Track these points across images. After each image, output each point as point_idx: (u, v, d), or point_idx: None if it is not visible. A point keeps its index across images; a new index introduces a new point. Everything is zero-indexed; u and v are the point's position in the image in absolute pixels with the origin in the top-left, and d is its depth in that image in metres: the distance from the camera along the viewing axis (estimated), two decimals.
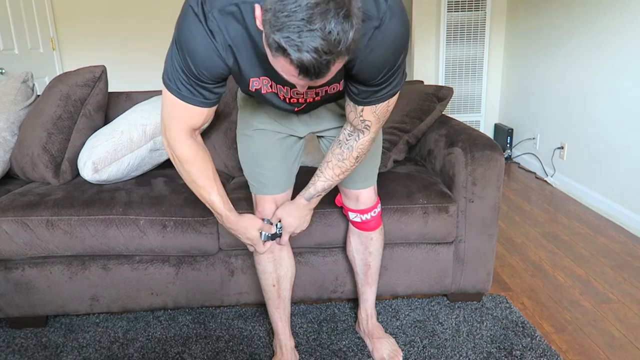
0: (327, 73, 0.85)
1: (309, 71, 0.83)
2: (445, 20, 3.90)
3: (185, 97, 1.09)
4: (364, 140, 1.24)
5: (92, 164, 1.79)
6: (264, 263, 1.47)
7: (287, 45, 0.80)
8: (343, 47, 0.81)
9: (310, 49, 0.79)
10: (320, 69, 0.83)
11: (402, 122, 2.05)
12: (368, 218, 1.50)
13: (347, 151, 1.26)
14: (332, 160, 1.29)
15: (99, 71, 2.00)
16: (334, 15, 0.78)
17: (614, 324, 1.79)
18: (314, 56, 0.80)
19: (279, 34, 0.80)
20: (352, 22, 0.80)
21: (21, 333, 1.79)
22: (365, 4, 0.94)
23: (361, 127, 1.21)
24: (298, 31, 0.78)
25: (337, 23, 0.78)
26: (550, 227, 2.65)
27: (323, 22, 0.78)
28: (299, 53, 0.80)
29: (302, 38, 0.78)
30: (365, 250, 1.56)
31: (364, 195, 1.47)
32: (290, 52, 0.80)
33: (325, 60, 0.81)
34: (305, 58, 0.80)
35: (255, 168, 1.39)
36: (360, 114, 1.17)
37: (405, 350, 1.65)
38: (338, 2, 0.78)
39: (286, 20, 0.78)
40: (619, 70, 2.71)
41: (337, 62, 0.83)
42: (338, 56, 0.82)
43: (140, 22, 3.91)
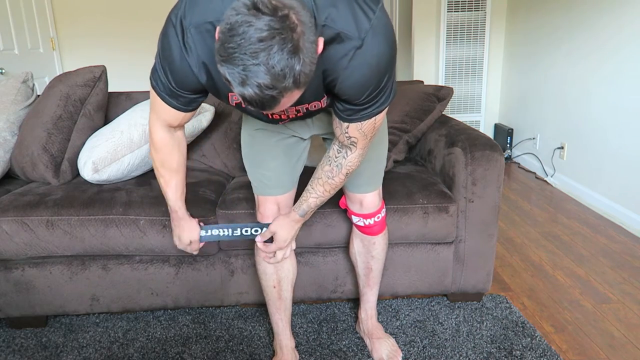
0: (276, 105, 0.84)
1: (252, 104, 0.83)
2: (445, 20, 3.90)
3: (163, 97, 1.11)
4: (352, 157, 1.22)
5: (92, 164, 1.79)
6: (265, 264, 1.47)
7: (231, 78, 0.80)
8: (288, 83, 0.80)
9: (253, 84, 0.79)
10: (264, 103, 0.82)
11: (402, 122, 2.05)
12: (371, 223, 1.49)
13: (336, 169, 1.24)
14: (322, 177, 1.27)
15: (99, 71, 2.00)
16: (278, 50, 0.77)
17: (614, 324, 1.79)
18: (256, 91, 0.80)
19: (225, 66, 0.80)
20: (299, 57, 0.80)
21: (21, 333, 1.79)
22: (344, 24, 0.94)
23: (347, 144, 1.19)
24: (242, 65, 0.78)
25: (282, 59, 0.78)
26: (550, 227, 2.65)
27: (267, 57, 0.77)
28: (241, 87, 0.80)
29: (245, 72, 0.79)
30: (368, 253, 1.56)
31: (368, 199, 1.45)
32: (234, 85, 0.81)
33: (269, 95, 0.81)
34: (247, 92, 0.80)
35: (258, 168, 1.39)
36: (345, 130, 1.15)
37: (405, 350, 1.65)
38: (284, 38, 0.78)
39: (232, 52, 0.78)
40: (619, 70, 2.71)
41: (285, 95, 0.83)
42: (284, 90, 0.81)
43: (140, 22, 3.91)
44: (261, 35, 0.77)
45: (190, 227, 1.37)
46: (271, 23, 0.77)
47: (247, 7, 0.78)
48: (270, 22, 0.77)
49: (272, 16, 0.77)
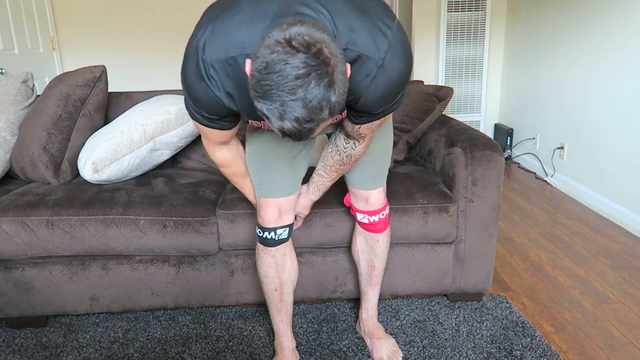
0: (311, 135, 0.88)
1: (291, 136, 0.86)
2: (445, 20, 3.90)
3: (204, 123, 1.14)
4: (360, 148, 1.30)
5: (92, 164, 1.79)
6: (266, 268, 1.46)
7: (270, 113, 0.83)
8: (325, 114, 0.84)
9: (292, 118, 0.82)
10: (302, 135, 0.86)
11: (402, 122, 2.05)
12: (376, 220, 1.49)
13: (346, 158, 1.33)
14: (334, 165, 1.36)
15: (99, 71, 2.00)
16: (315, 85, 0.80)
17: (614, 324, 1.79)
18: (295, 125, 0.83)
19: (262, 102, 0.82)
20: (334, 89, 0.83)
21: (21, 333, 1.79)
22: (365, 46, 0.97)
23: (356, 137, 1.26)
24: (280, 101, 0.81)
25: (319, 93, 0.81)
26: (550, 227, 2.65)
27: (304, 93, 0.80)
28: (280, 122, 0.83)
29: (284, 107, 0.81)
30: (371, 251, 1.56)
31: (374, 196, 1.47)
32: (272, 121, 0.83)
33: (307, 128, 0.84)
34: (287, 127, 0.83)
35: (263, 170, 1.38)
36: (357, 129, 1.22)
37: (405, 350, 1.65)
38: (320, 73, 0.80)
39: (269, 89, 0.81)
40: (619, 70, 2.71)
41: (320, 125, 0.86)
42: (320, 122, 0.85)
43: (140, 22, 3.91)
44: (298, 73, 0.79)
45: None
46: (307, 60, 0.79)
47: (282, 45, 0.80)
48: (306, 60, 0.79)
49: (307, 53, 0.80)
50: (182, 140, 1.95)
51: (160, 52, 3.97)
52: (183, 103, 1.92)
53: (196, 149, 2.17)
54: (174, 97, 2.02)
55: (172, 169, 2.12)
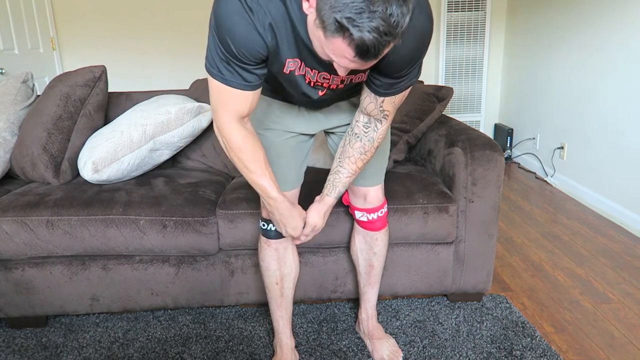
0: (381, 54, 0.88)
1: (369, 51, 0.86)
2: (445, 20, 3.90)
3: (227, 80, 1.07)
4: (382, 129, 1.27)
5: (92, 164, 1.79)
6: (268, 260, 1.48)
7: (350, 24, 0.82)
8: (400, 30, 0.85)
9: (372, 28, 0.82)
10: (379, 49, 0.86)
11: (402, 122, 2.05)
12: (374, 218, 1.50)
13: (368, 143, 1.28)
14: (353, 154, 1.30)
15: (99, 71, 2.00)
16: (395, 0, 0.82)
17: (614, 324, 1.79)
18: (375, 36, 0.83)
19: (340, 14, 0.82)
20: (409, 7, 0.84)
21: (21, 333, 1.79)
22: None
23: (380, 117, 1.24)
24: (360, 12, 0.81)
25: (397, 6, 0.82)
26: (550, 227, 2.65)
27: (385, 5, 0.81)
28: (360, 33, 0.83)
29: (363, 19, 0.82)
30: (370, 250, 1.56)
31: (372, 194, 1.47)
32: (353, 32, 0.83)
33: (385, 41, 0.85)
34: (367, 37, 0.83)
35: None
36: (380, 104, 1.20)
37: (405, 351, 1.65)
38: None
39: (348, 1, 0.81)
40: (619, 70, 2.71)
41: (391, 44, 0.87)
42: (395, 38, 0.86)
43: (140, 22, 3.91)
44: None
45: (300, 212, 1.35)
46: None
47: None
48: None
49: None
50: (182, 140, 1.95)
51: (160, 52, 3.97)
52: (183, 103, 1.93)
53: (196, 149, 2.17)
54: (174, 97, 2.02)
55: (172, 169, 2.12)
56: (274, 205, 1.28)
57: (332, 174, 1.36)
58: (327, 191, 1.37)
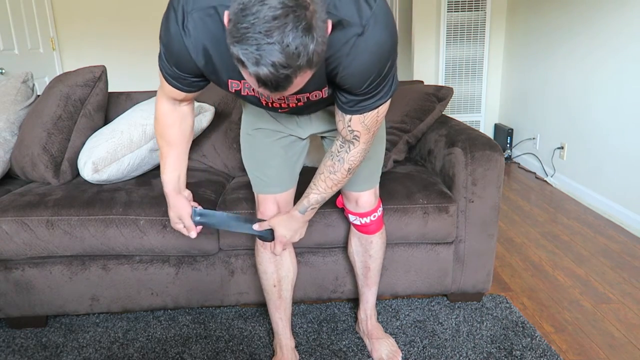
0: (289, 86, 0.83)
1: (267, 84, 0.82)
2: (445, 20, 3.90)
3: (166, 77, 1.13)
4: (354, 152, 1.21)
5: (92, 164, 1.79)
6: (265, 264, 1.47)
7: (245, 58, 0.79)
8: (303, 62, 0.80)
9: (268, 63, 0.78)
10: (279, 83, 0.81)
11: (402, 122, 2.05)
12: (367, 222, 1.49)
13: (338, 164, 1.23)
14: (324, 172, 1.26)
15: (99, 71, 2.00)
16: (293, 28, 0.77)
17: (614, 324, 1.79)
18: (271, 70, 0.79)
19: (238, 46, 0.79)
20: (312, 35, 0.79)
21: (21, 333, 1.79)
22: (347, 11, 0.94)
23: (350, 138, 1.18)
24: (256, 44, 0.77)
25: (296, 37, 0.77)
26: (550, 227, 2.65)
27: (281, 36, 0.76)
28: (256, 67, 0.79)
29: (260, 51, 0.78)
30: (365, 252, 1.56)
31: (363, 198, 1.45)
32: (248, 66, 0.80)
33: (283, 75, 0.80)
34: (262, 72, 0.79)
35: (257, 167, 1.39)
36: (348, 123, 1.14)
37: (405, 351, 1.65)
38: (298, 16, 0.77)
39: (245, 32, 0.77)
40: (619, 70, 2.71)
41: (299, 75, 0.82)
42: (298, 70, 0.80)
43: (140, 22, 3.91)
44: (275, 14, 0.76)
45: (177, 204, 1.33)
46: (285, 1, 0.76)
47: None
48: (284, 0, 0.76)
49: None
50: None
51: None
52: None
53: (196, 149, 2.17)
54: None
55: None
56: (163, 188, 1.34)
57: (307, 188, 1.32)
58: (297, 204, 1.34)
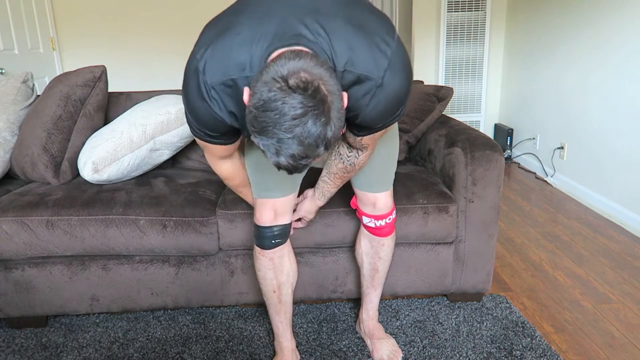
0: (306, 168, 0.90)
1: (286, 170, 0.88)
2: (445, 20, 3.90)
3: (207, 140, 1.16)
4: (363, 157, 1.30)
5: (92, 164, 1.79)
6: (264, 270, 1.46)
7: (266, 149, 0.85)
8: (320, 151, 0.86)
9: (287, 155, 0.84)
10: (297, 169, 0.87)
11: (402, 122, 2.05)
12: (383, 224, 1.48)
13: (350, 167, 1.33)
14: (337, 172, 1.36)
15: (99, 71, 2.00)
16: (312, 125, 0.82)
17: (614, 324, 1.79)
18: (290, 162, 0.85)
19: (258, 138, 0.84)
20: (330, 126, 0.84)
21: (21, 333, 1.79)
22: (364, 66, 0.97)
23: (359, 147, 1.26)
24: (276, 138, 0.82)
25: (315, 131, 0.82)
26: (550, 227, 2.65)
27: (301, 132, 0.81)
28: (276, 157, 0.85)
29: (279, 144, 0.83)
30: (376, 254, 1.55)
31: (381, 201, 1.46)
32: (268, 155, 0.85)
33: (302, 164, 0.86)
34: (282, 162, 0.85)
35: (259, 170, 1.38)
36: (359, 139, 1.22)
37: (405, 351, 1.65)
38: (317, 113, 0.81)
39: (265, 126, 0.82)
40: (619, 70, 2.71)
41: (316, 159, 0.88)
42: (316, 157, 0.87)
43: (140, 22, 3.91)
44: (295, 113, 0.80)
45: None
46: (304, 101, 0.81)
47: (279, 83, 0.81)
48: (303, 100, 0.80)
49: (304, 93, 0.81)
50: (182, 140, 1.95)
51: (160, 52, 3.97)
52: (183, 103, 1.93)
53: (196, 148, 2.17)
54: (174, 97, 2.02)
55: (172, 169, 2.12)
56: None
57: (321, 180, 1.42)
58: (318, 196, 1.46)
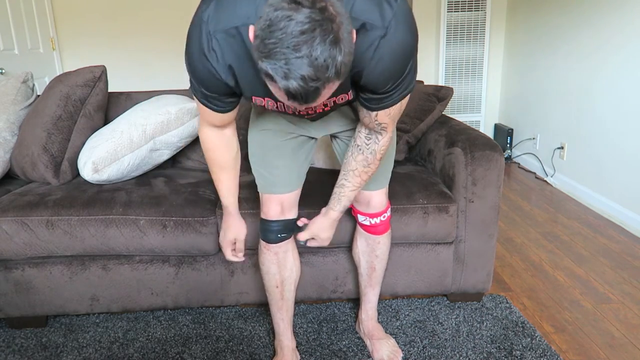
0: (318, 97, 0.85)
1: (297, 97, 0.83)
2: (445, 20, 3.90)
3: (202, 101, 1.15)
4: (384, 141, 1.25)
5: (92, 164, 1.79)
6: (268, 264, 1.47)
7: (274, 73, 0.80)
8: (331, 73, 0.81)
9: (297, 76, 0.79)
10: (308, 95, 0.83)
11: (402, 122, 2.05)
12: (377, 222, 1.49)
13: (370, 156, 1.26)
14: (357, 167, 1.29)
15: (99, 71, 2.00)
16: (321, 42, 0.78)
17: (614, 324, 1.79)
18: (301, 84, 0.80)
19: (266, 62, 0.80)
20: (340, 47, 0.80)
21: (21, 333, 1.79)
22: (369, 14, 0.95)
23: (378, 130, 1.22)
24: (285, 59, 0.78)
25: (324, 50, 0.78)
26: (550, 227, 2.65)
27: (309, 49, 0.77)
28: (285, 81, 0.80)
29: (289, 65, 0.79)
30: (372, 253, 1.56)
31: (376, 199, 1.46)
32: (277, 80, 0.81)
33: (313, 87, 0.81)
34: (292, 85, 0.80)
35: (265, 166, 1.39)
36: (375, 118, 1.18)
37: (405, 351, 1.65)
38: (325, 29, 0.78)
39: (273, 47, 0.78)
40: (619, 70, 2.71)
41: (327, 86, 0.83)
42: (327, 82, 0.82)
43: (140, 22, 3.91)
44: (303, 28, 0.77)
45: (237, 225, 1.43)
46: (312, 15, 0.77)
47: (286, 1, 0.78)
48: (311, 14, 0.77)
49: (312, 8, 0.77)
50: (182, 140, 1.95)
51: (160, 52, 3.97)
52: (183, 103, 1.93)
53: (196, 148, 2.17)
54: (174, 97, 2.02)
55: (172, 169, 2.12)
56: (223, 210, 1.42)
57: (337, 187, 1.35)
58: (332, 205, 1.37)
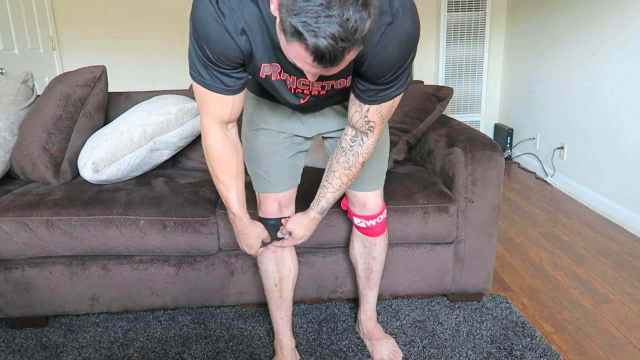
0: (341, 61, 0.84)
1: (324, 57, 0.82)
2: (445, 20, 3.90)
3: (207, 84, 1.08)
4: (368, 144, 1.23)
5: (92, 164, 1.79)
6: (267, 263, 1.47)
7: (304, 29, 0.79)
8: (359, 36, 0.81)
9: (327, 34, 0.79)
10: (336, 56, 0.82)
11: (402, 122, 2.05)
12: (373, 224, 1.49)
13: (352, 158, 1.25)
14: (338, 169, 1.28)
15: (99, 71, 2.00)
16: (353, 2, 0.78)
17: (614, 324, 1.79)
18: (331, 42, 0.79)
19: (295, 18, 0.79)
20: (369, 12, 0.80)
21: (21, 333, 1.79)
22: None
23: (365, 129, 1.20)
24: (316, 16, 0.78)
25: (356, 11, 0.78)
26: (550, 227, 2.65)
27: (341, 9, 0.77)
28: (315, 38, 0.79)
29: (319, 23, 0.78)
30: (369, 254, 1.56)
31: (371, 201, 1.45)
32: (307, 37, 0.80)
33: (341, 48, 0.81)
34: (322, 44, 0.79)
35: (259, 166, 1.39)
36: (365, 114, 1.16)
37: (405, 351, 1.65)
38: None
39: (304, 5, 0.78)
40: (620, 70, 2.71)
41: (352, 50, 0.83)
42: (354, 44, 0.82)
43: (140, 22, 3.91)
44: None
45: (258, 230, 1.37)
46: None
47: None
48: None
49: None
50: (182, 140, 1.95)
51: (160, 52, 3.97)
52: (183, 103, 1.93)
53: (196, 148, 2.17)
54: (174, 97, 2.02)
55: (172, 169, 2.12)
56: (233, 219, 1.32)
57: (319, 188, 1.35)
58: (312, 205, 1.36)
